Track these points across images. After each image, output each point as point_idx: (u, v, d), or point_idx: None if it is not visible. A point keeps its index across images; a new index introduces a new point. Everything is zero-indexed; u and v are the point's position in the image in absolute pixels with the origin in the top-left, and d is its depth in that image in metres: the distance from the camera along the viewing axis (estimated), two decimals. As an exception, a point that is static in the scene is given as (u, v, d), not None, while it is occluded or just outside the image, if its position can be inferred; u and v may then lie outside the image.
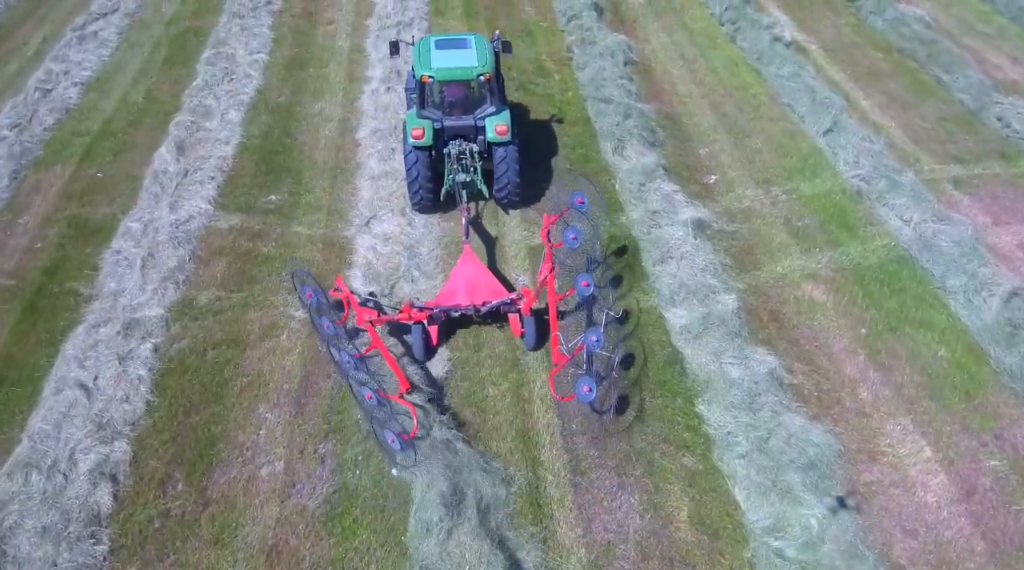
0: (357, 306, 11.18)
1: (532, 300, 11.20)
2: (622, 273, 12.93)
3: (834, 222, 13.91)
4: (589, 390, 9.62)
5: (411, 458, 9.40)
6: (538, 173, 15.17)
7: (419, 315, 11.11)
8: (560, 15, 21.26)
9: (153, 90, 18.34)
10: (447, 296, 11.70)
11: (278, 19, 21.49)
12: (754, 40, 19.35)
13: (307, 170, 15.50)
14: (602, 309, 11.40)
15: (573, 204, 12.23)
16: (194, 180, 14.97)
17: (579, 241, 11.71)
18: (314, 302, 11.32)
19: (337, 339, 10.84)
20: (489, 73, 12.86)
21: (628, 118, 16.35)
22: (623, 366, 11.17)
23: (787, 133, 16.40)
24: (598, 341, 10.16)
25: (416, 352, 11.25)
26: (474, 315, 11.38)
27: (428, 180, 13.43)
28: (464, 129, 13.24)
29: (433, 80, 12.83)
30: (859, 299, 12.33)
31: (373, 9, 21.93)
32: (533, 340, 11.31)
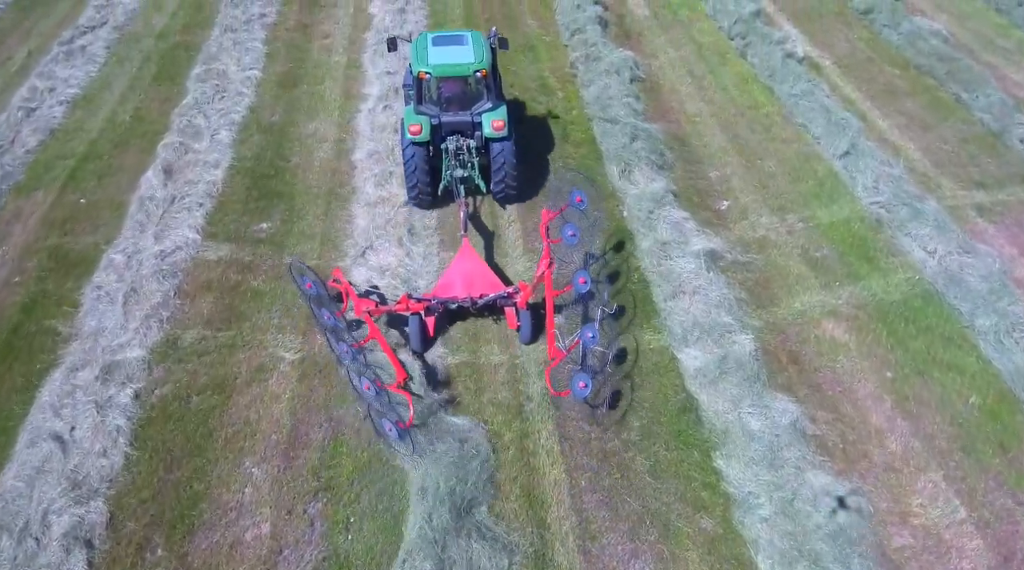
0: (355, 297, 11.25)
1: (529, 294, 11.34)
2: (619, 270, 12.95)
3: (854, 253, 13.22)
4: (584, 386, 9.80)
5: (408, 446, 9.60)
6: (535, 169, 15.20)
7: (417, 306, 11.29)
8: (563, 29, 20.58)
9: (141, 108, 17.65)
10: (445, 288, 11.88)
11: (272, 32, 20.81)
12: (765, 56, 18.65)
13: (300, 195, 14.81)
14: (598, 306, 11.42)
15: (572, 202, 12.43)
16: (182, 207, 14.28)
17: (577, 238, 11.89)
18: (313, 293, 11.41)
19: (336, 330, 10.98)
20: (486, 69, 12.96)
21: (635, 140, 15.66)
22: (616, 361, 11.27)
23: (802, 155, 15.71)
24: (594, 337, 10.32)
25: (413, 343, 11.39)
26: (471, 307, 11.56)
27: (426, 175, 13.53)
28: (461, 125, 13.37)
29: (430, 76, 12.97)
30: (883, 339, 11.64)
31: (371, 22, 21.25)
32: (529, 334, 11.46)
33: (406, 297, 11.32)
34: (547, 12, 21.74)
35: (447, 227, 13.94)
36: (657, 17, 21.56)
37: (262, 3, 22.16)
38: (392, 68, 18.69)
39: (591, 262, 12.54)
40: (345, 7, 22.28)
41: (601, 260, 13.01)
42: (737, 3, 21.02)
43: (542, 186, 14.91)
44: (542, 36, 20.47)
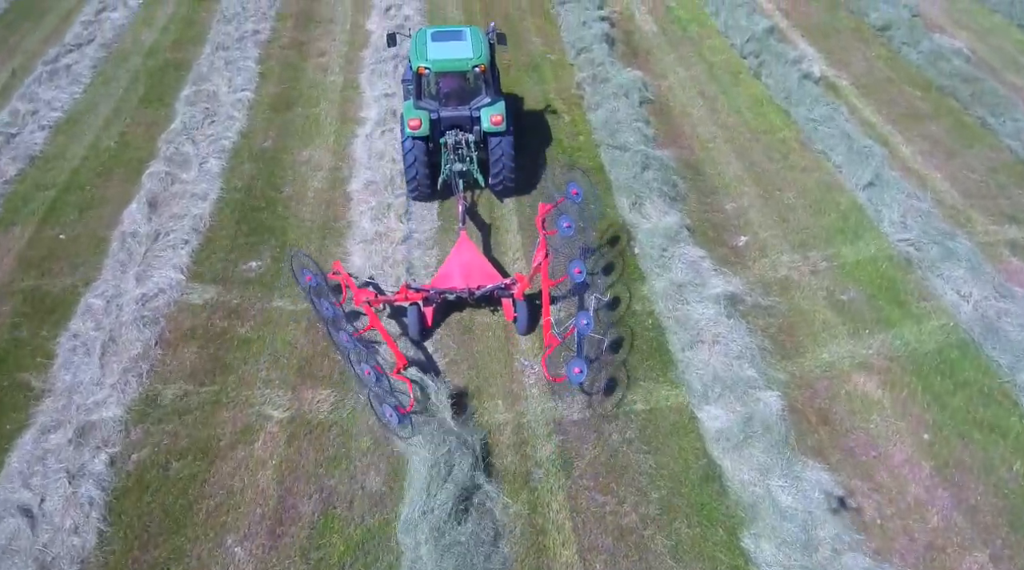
0: (355, 288, 11.62)
1: (525, 285, 11.54)
2: (614, 261, 13.17)
3: (883, 296, 12.38)
4: (580, 371, 9.98)
5: (408, 431, 9.77)
6: (533, 164, 15.38)
7: (415, 296, 11.54)
8: (569, 47, 19.75)
9: (127, 133, 16.81)
10: (443, 279, 12.10)
11: (265, 50, 19.98)
12: (781, 77, 17.82)
13: (292, 230, 13.98)
14: (592, 295, 11.55)
15: (568, 195, 12.73)
16: (166, 244, 13.44)
17: (573, 230, 12.19)
18: (313, 284, 11.80)
19: (336, 320, 11.20)
20: (484, 64, 13.18)
21: (646, 169, 14.82)
22: (612, 349, 11.45)
23: (823, 185, 14.87)
24: (588, 324, 10.42)
25: (411, 332, 11.65)
26: (468, 298, 11.78)
27: (425, 169, 13.74)
28: (460, 119, 13.55)
29: (429, 71, 13.16)
30: (918, 395, 10.80)
31: (368, 39, 20.42)
32: (525, 324, 11.65)
33: (405, 287, 11.62)
34: (552, 29, 20.92)
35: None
36: (666, 33, 20.73)
37: (256, 19, 21.35)
38: (390, 90, 17.87)
39: (587, 255, 12.83)
40: (342, 23, 21.47)
41: (596, 253, 13.23)
42: (749, 19, 20.20)
43: (539, 178, 15.10)
44: (547, 55, 19.64)
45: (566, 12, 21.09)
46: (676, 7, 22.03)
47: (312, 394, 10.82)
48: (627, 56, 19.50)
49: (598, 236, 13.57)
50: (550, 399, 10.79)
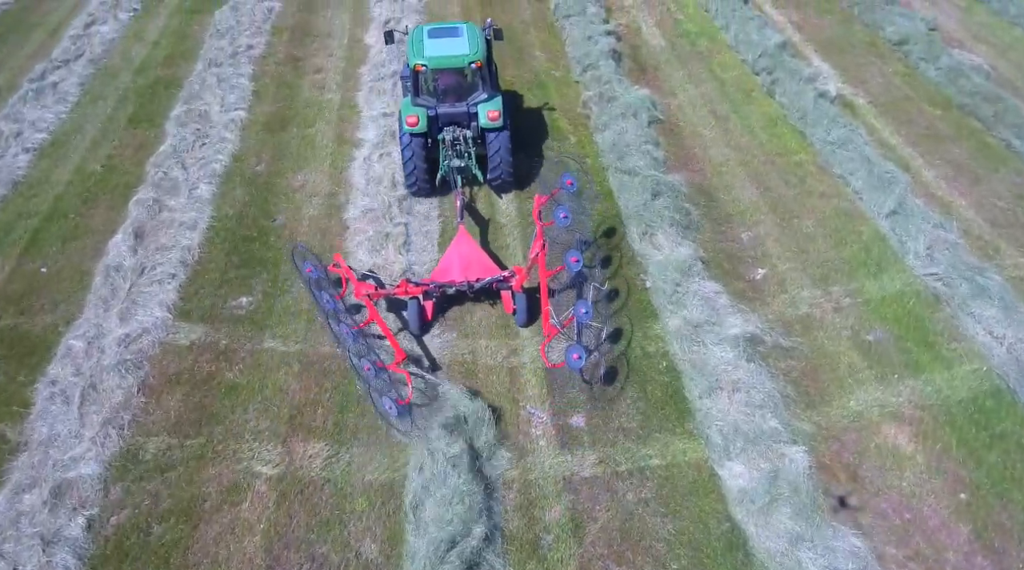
0: (355, 281, 11.62)
1: (524, 277, 11.59)
2: (611, 253, 13.37)
3: (911, 337, 11.68)
4: (578, 357, 10.08)
5: (407, 423, 9.93)
6: (531, 160, 15.61)
7: (415, 290, 11.55)
8: (574, 63, 19.05)
9: (114, 156, 16.11)
10: (442, 272, 12.19)
11: (260, 67, 19.28)
12: (795, 95, 17.12)
13: (286, 262, 13.26)
14: (591, 285, 12.00)
15: (563, 186, 12.94)
16: (152, 279, 12.74)
17: (569, 220, 12.31)
18: (314, 276, 11.98)
19: (336, 313, 11.32)
20: (480, 60, 13.23)
21: (657, 197, 14.13)
22: (611, 340, 11.61)
23: (843, 213, 14.17)
24: (587, 313, 10.73)
25: (411, 326, 11.71)
26: (468, 291, 11.79)
27: (424, 166, 13.85)
28: (457, 116, 13.66)
29: (426, 68, 13.21)
30: (952, 448, 10.09)
31: (367, 55, 19.73)
32: (524, 317, 11.73)
33: (405, 281, 11.60)
34: (556, 43, 20.22)
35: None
36: (674, 48, 20.03)
37: (250, 33, 20.66)
38: (389, 109, 17.18)
39: (584, 246, 13.08)
40: (339, 38, 20.77)
41: (593, 244, 13.43)
42: (760, 33, 19.52)
43: (537, 174, 15.25)
44: (551, 71, 18.93)
45: (571, 25, 20.41)
46: (684, 20, 21.34)
47: (304, 447, 10.12)
48: (635, 72, 18.81)
49: (594, 227, 13.83)
50: (559, 452, 10.10)
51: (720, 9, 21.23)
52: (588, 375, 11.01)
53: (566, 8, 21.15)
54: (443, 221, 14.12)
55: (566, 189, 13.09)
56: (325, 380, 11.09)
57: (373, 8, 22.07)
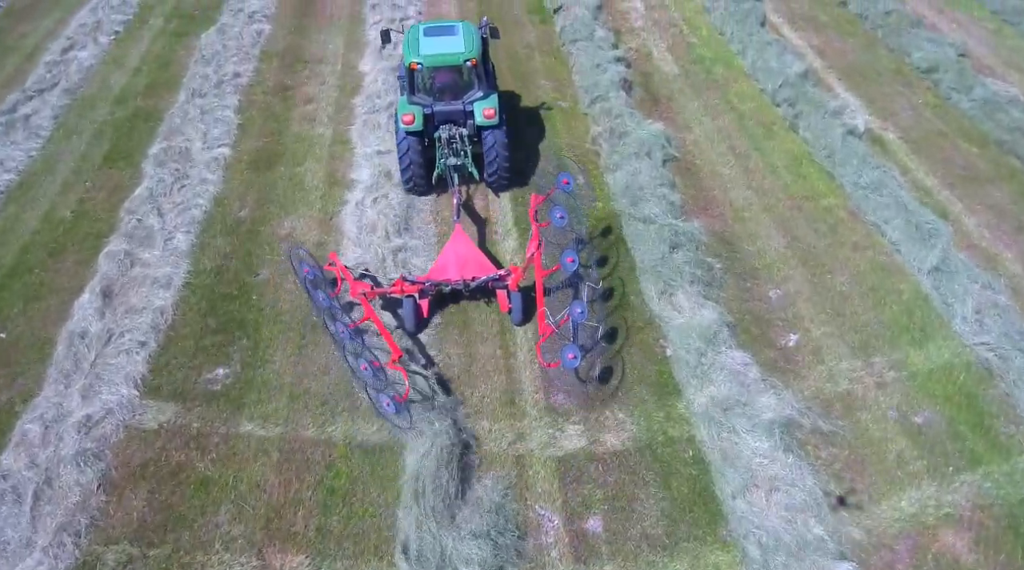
0: (351, 279, 11.81)
1: (520, 276, 11.65)
2: (607, 253, 13.33)
3: (963, 419, 10.46)
4: (574, 357, 10.13)
5: (406, 420, 9.85)
6: (529, 158, 15.52)
7: (411, 288, 11.60)
8: (582, 92, 17.83)
9: (86, 200, 14.89)
10: (438, 271, 12.22)
11: (247, 96, 18.05)
12: (821, 131, 15.90)
13: (268, 325, 12.06)
14: (586, 285, 11.93)
15: (559, 185, 12.67)
16: (119, 347, 11.52)
17: (566, 220, 12.16)
18: (310, 276, 11.87)
19: (332, 311, 11.26)
20: (476, 58, 13.21)
21: (675, 249, 12.92)
22: (607, 340, 11.62)
23: (879, 268, 12.95)
24: (582, 313, 10.67)
25: (407, 324, 11.74)
26: (464, 290, 11.83)
27: (420, 165, 13.88)
28: (453, 114, 13.65)
29: (422, 66, 13.20)
30: (1019, 559, 8.87)
31: (361, 83, 18.51)
32: (520, 316, 11.81)
33: (401, 280, 11.67)
34: (563, 70, 19.01)
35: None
36: (688, 76, 18.81)
37: (237, 59, 19.44)
38: (384, 145, 15.97)
39: (580, 246, 12.91)
40: (332, 63, 19.56)
41: (589, 244, 13.36)
42: (780, 60, 18.32)
43: (534, 172, 15.15)
44: (558, 101, 17.71)
45: (578, 51, 19.18)
46: (698, 44, 20.14)
47: (282, 560, 8.90)
48: (647, 104, 17.59)
49: (590, 227, 13.77)
50: (574, 566, 8.86)
51: (736, 32, 20.04)
52: (583, 375, 11.01)
53: (573, 32, 19.94)
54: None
55: (563, 189, 12.73)
56: (307, 473, 9.86)
57: (368, 31, 20.87)
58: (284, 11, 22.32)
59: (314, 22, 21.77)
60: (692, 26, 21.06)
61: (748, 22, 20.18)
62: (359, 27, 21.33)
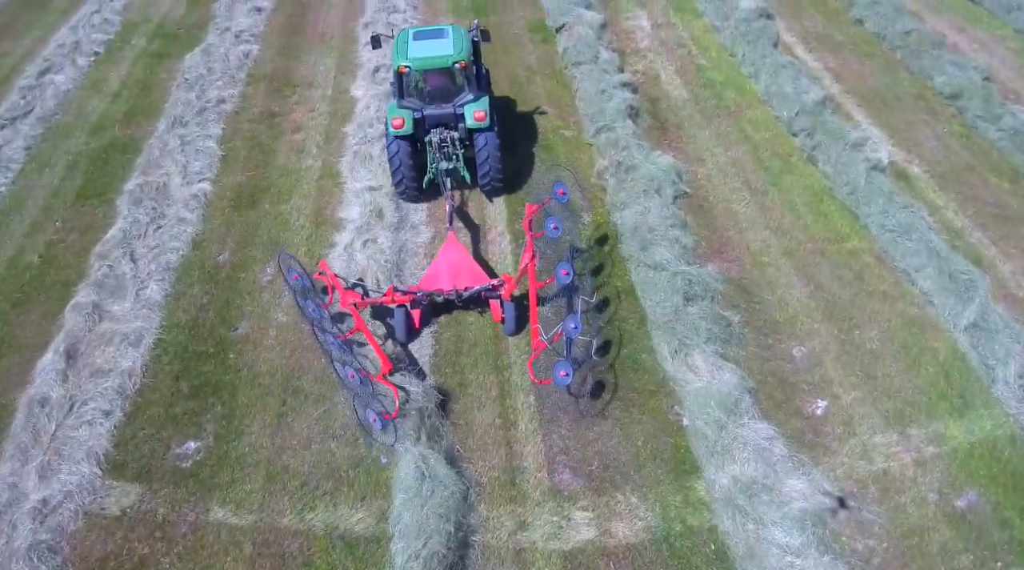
0: (341, 289, 11.50)
1: (513, 286, 11.50)
2: (603, 263, 13.08)
3: (1010, 503, 9.42)
4: (566, 375, 9.88)
5: (392, 437, 9.61)
6: (523, 163, 15.36)
7: (402, 298, 11.45)
8: (587, 120, 16.82)
9: (56, 243, 13.91)
10: (430, 280, 12.01)
11: (231, 124, 17.06)
12: (842, 165, 14.87)
13: (245, 389, 11.06)
14: (579, 297, 11.49)
15: (555, 195, 12.51)
16: (82, 417, 10.52)
17: (560, 231, 12.03)
18: (299, 285, 11.71)
19: (322, 322, 11.06)
20: (465, 61, 13.10)
21: (690, 301, 11.90)
22: (600, 353, 11.33)
23: (911, 322, 11.93)
24: (576, 328, 10.42)
25: (398, 334, 11.59)
26: (456, 300, 11.68)
27: (411, 169, 13.68)
28: (444, 117, 13.49)
29: (411, 70, 13.10)
30: None
31: (353, 110, 17.51)
32: (513, 326, 11.64)
33: (392, 289, 11.57)
34: (566, 94, 18.00)
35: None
36: (698, 101, 17.80)
37: (222, 82, 18.45)
38: (376, 181, 14.98)
39: (575, 255, 12.62)
40: (323, 88, 18.57)
41: (584, 254, 13.12)
42: (795, 84, 17.30)
43: (529, 177, 14.93)
44: (561, 129, 16.70)
45: (581, 75, 18.15)
46: (707, 67, 19.12)
47: None
48: (655, 132, 16.59)
49: (586, 237, 13.55)
50: None
51: (747, 54, 19.02)
52: (575, 389, 10.76)
53: (576, 54, 18.92)
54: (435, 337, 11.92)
55: (557, 198, 12.53)
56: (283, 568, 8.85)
57: (361, 52, 19.87)
58: (273, 29, 21.35)
59: (304, 41, 20.78)
60: (701, 46, 20.06)
61: (760, 43, 19.17)
62: (352, 47, 20.35)
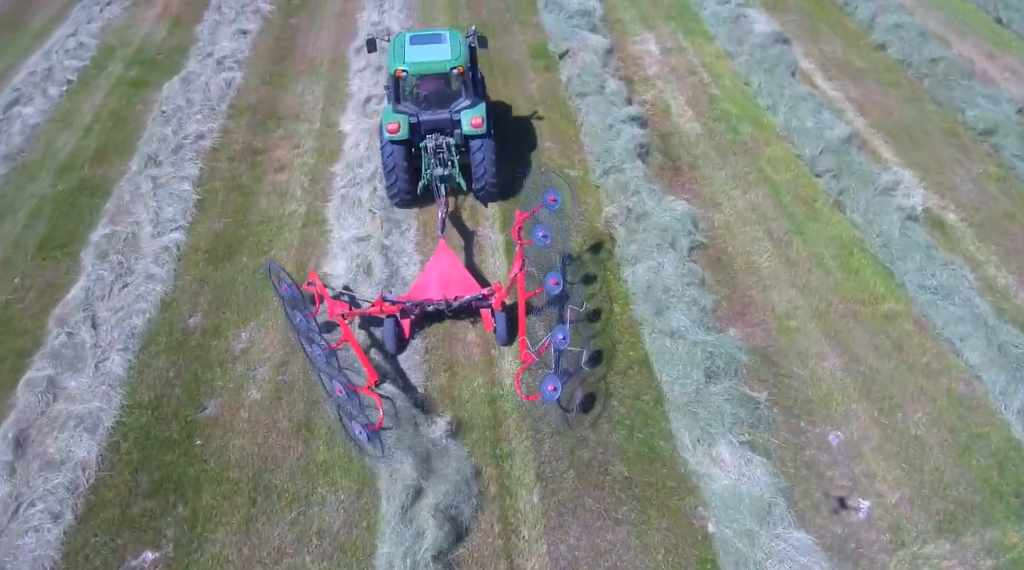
0: (329, 300, 11.31)
1: (503, 296, 11.45)
2: (594, 271, 12.86)
3: (1091, 635, 8.20)
4: (554, 389, 9.60)
5: (378, 449, 9.37)
6: (519, 169, 15.10)
7: (391, 308, 11.31)
8: (593, 159, 15.57)
9: (13, 303, 12.66)
10: (420, 289, 11.84)
11: (209, 163, 15.82)
12: (873, 213, 13.63)
13: (211, 485, 9.80)
14: (568, 307, 11.21)
15: (545, 202, 12.05)
16: (28, 522, 9.26)
17: (549, 239, 11.65)
18: (288, 295, 11.37)
19: (309, 332, 10.76)
20: (463, 66, 12.97)
21: (712, 378, 10.68)
22: (591, 364, 11.11)
23: (959, 402, 10.68)
24: (564, 339, 10.18)
25: (387, 344, 11.39)
26: (446, 310, 11.53)
27: (405, 174, 13.49)
28: (440, 123, 13.33)
29: (407, 74, 12.95)
30: None
31: (342, 147, 16.29)
32: (505, 335, 11.46)
33: (380, 300, 11.38)
34: (570, 128, 16.74)
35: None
36: (712, 136, 16.56)
37: (202, 115, 17.22)
38: (364, 230, 13.78)
39: (566, 262, 12.55)
40: (309, 121, 17.33)
41: (575, 262, 12.95)
42: (817, 118, 16.10)
43: (525, 183, 14.44)
44: (565, 169, 15.45)
45: (587, 108, 16.88)
46: (721, 97, 17.88)
47: None
48: (667, 172, 15.36)
49: (578, 245, 13.31)
50: None
51: (764, 84, 17.78)
52: (565, 402, 10.42)
53: (580, 83, 17.66)
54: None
55: (548, 206, 12.03)
56: None
57: (352, 80, 18.65)
58: (258, 55, 20.13)
59: (292, 68, 19.55)
60: (713, 73, 18.84)
61: (777, 71, 17.95)
62: (342, 74, 19.14)
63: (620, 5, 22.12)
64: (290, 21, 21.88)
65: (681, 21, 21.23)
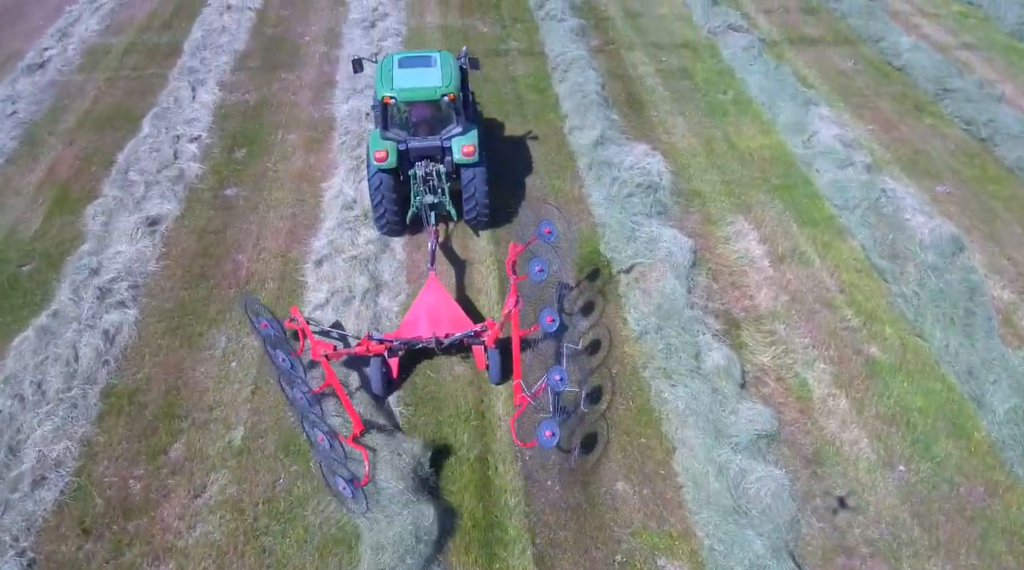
0: (313, 338, 10.69)
1: (496, 333, 10.83)
2: (593, 300, 12.23)
3: None
4: (551, 435, 9.06)
5: (362, 505, 8.77)
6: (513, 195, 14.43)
7: (378, 348, 10.71)
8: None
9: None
10: (409, 327, 11.26)
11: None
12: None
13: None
14: (564, 345, 10.92)
15: (540, 234, 11.69)
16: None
17: (545, 273, 10.99)
18: (269, 334, 10.42)
19: (291, 374, 9.84)
20: (454, 93, 12.40)
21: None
22: (591, 400, 10.59)
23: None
24: (562, 380, 9.65)
25: (374, 386, 10.73)
26: (436, 348, 10.95)
27: (394, 203, 13.00)
28: (430, 150, 12.79)
29: (396, 101, 12.38)
30: None
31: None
32: (498, 374, 10.96)
33: (367, 338, 10.82)
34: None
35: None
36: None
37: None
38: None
39: (564, 292, 12.31)
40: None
41: (574, 292, 12.46)
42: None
43: (518, 210, 14.05)
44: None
45: (680, 414, 10.35)
46: (888, 368, 11.34)
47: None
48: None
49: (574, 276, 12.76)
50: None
51: (954, 348, 11.37)
52: (565, 444, 9.92)
53: (665, 352, 11.19)
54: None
55: (544, 238, 11.66)
56: None
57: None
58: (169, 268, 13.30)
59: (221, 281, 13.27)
60: (863, 312, 12.11)
61: (973, 325, 11.46)
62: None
63: (694, 165, 15.62)
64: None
65: (788, 195, 14.63)
